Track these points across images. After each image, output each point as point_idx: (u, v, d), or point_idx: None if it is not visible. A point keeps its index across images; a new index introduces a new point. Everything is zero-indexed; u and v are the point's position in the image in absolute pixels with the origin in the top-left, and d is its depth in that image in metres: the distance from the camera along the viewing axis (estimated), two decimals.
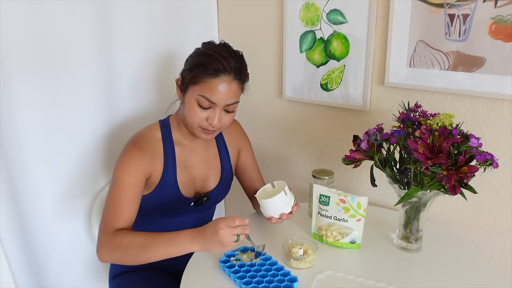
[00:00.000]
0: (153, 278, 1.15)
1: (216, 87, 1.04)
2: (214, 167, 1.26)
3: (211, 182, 1.25)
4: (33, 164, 1.20)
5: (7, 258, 1.17)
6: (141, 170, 1.09)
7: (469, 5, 1.13)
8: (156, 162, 1.13)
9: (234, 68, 1.05)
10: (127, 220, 1.05)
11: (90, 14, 1.24)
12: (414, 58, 1.25)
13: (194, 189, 1.23)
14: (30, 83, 1.14)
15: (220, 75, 1.04)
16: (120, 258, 1.00)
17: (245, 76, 1.11)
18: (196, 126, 1.10)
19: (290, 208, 1.09)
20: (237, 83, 1.07)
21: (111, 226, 1.03)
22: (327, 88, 1.46)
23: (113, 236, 1.00)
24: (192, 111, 1.08)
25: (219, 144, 1.28)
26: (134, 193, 1.08)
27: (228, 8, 1.65)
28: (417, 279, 1.01)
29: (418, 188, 0.98)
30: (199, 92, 1.05)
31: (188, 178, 1.20)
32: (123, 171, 1.07)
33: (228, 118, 1.11)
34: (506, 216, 1.25)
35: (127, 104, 1.43)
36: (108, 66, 1.33)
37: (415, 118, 1.05)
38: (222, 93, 1.05)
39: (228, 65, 1.04)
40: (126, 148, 1.11)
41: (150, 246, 0.96)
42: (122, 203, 1.05)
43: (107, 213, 1.05)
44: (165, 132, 1.17)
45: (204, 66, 1.04)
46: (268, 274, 1.00)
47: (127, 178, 1.07)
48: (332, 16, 1.38)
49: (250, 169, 1.34)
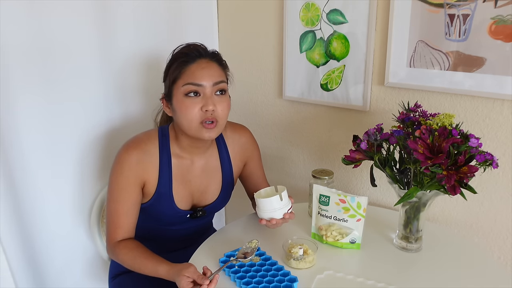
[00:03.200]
0: (153, 278, 1.15)
1: (196, 69, 1.04)
2: (214, 181, 1.22)
3: (209, 195, 1.22)
4: (33, 164, 1.20)
5: (7, 258, 1.17)
6: (136, 175, 1.08)
7: (469, 5, 1.13)
8: (151, 170, 1.11)
9: (206, 52, 1.07)
10: (126, 230, 1.11)
11: (89, 14, 1.24)
12: (414, 58, 1.25)
13: (191, 202, 1.20)
14: (30, 83, 1.15)
15: (196, 59, 1.05)
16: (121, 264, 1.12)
17: (223, 61, 1.11)
18: (195, 124, 1.05)
19: (281, 214, 1.07)
20: (217, 65, 1.08)
21: (112, 238, 1.11)
22: (327, 88, 1.46)
23: (113, 248, 1.10)
24: (183, 107, 1.04)
25: (222, 156, 1.22)
26: (130, 203, 1.09)
27: (228, 8, 1.65)
28: (417, 279, 1.01)
29: (418, 188, 0.98)
30: (183, 83, 1.04)
31: (185, 192, 1.17)
32: (118, 175, 1.08)
33: (223, 103, 1.06)
34: (506, 216, 1.25)
35: (128, 105, 1.42)
36: (109, 66, 1.33)
37: (415, 118, 1.05)
38: (205, 72, 1.04)
39: (200, 49, 1.06)
40: (120, 151, 1.10)
41: (138, 269, 1.06)
42: (119, 217, 1.09)
43: (108, 224, 1.12)
44: (163, 142, 1.13)
45: (176, 61, 1.06)
46: (268, 274, 1.00)
47: (123, 185, 1.08)
48: (332, 16, 1.38)
49: (256, 177, 1.31)
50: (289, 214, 1.09)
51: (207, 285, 0.90)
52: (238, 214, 1.66)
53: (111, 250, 1.11)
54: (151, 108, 1.50)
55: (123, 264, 1.09)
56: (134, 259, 1.06)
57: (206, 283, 0.90)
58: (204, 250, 1.13)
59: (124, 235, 1.10)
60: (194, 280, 0.92)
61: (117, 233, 1.10)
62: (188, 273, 0.92)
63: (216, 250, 1.12)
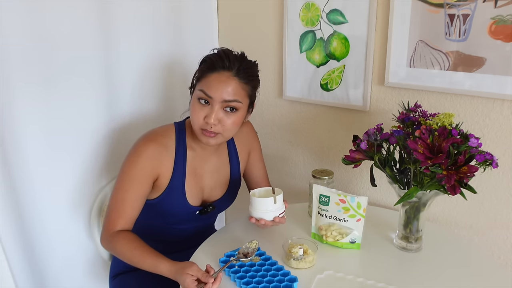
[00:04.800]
0: (153, 277, 1.15)
1: (213, 80, 1.04)
2: (223, 176, 1.24)
3: (218, 191, 1.24)
4: (33, 164, 1.20)
5: (7, 258, 1.17)
6: (150, 167, 1.08)
7: (469, 5, 1.13)
8: (166, 164, 1.12)
9: (234, 66, 1.05)
10: (128, 221, 1.09)
11: (91, 14, 1.24)
12: (414, 58, 1.25)
13: (201, 198, 1.21)
14: (30, 82, 1.14)
15: (218, 69, 1.04)
16: (116, 256, 1.09)
17: (249, 77, 1.08)
18: (197, 127, 1.07)
19: (272, 217, 1.08)
20: (238, 81, 1.05)
21: (112, 227, 1.07)
22: (327, 88, 1.46)
23: (110, 238, 1.07)
24: (193, 109, 1.07)
25: (230, 152, 1.25)
26: (138, 195, 1.09)
27: (228, 8, 1.65)
28: (417, 279, 1.01)
29: (418, 188, 0.98)
30: (199, 87, 1.06)
31: (196, 187, 1.18)
32: (133, 165, 1.07)
33: (230, 121, 1.06)
34: (506, 216, 1.25)
35: (128, 106, 1.42)
36: (109, 66, 1.33)
37: (415, 118, 1.05)
38: (219, 87, 1.03)
39: (228, 62, 1.04)
40: (138, 142, 1.10)
41: (135, 262, 1.04)
42: (125, 205, 1.08)
43: (110, 212, 1.09)
44: (179, 135, 1.15)
45: (206, 62, 1.07)
46: (268, 274, 1.00)
47: (136, 175, 1.07)
48: (332, 16, 1.38)
49: (257, 170, 1.32)
50: (280, 218, 1.09)
51: (211, 283, 0.91)
52: (238, 214, 1.66)
53: (108, 240, 1.07)
54: (151, 107, 1.50)
55: (119, 255, 1.07)
56: (133, 251, 1.03)
57: (211, 281, 0.91)
58: (204, 250, 1.14)
59: (124, 226, 1.08)
60: (198, 279, 0.92)
61: (118, 222, 1.07)
62: (192, 272, 0.93)
63: (216, 250, 1.12)
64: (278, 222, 1.10)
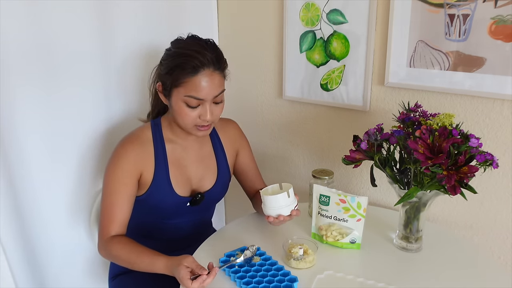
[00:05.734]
0: (153, 278, 1.15)
1: (200, 83, 1.03)
2: (210, 166, 1.25)
3: (207, 181, 1.24)
4: (33, 164, 1.20)
5: (7, 258, 1.17)
6: (132, 167, 1.10)
7: (469, 5, 1.13)
8: (147, 161, 1.13)
9: (212, 60, 1.04)
10: (120, 225, 1.11)
11: (90, 15, 1.24)
12: (414, 58, 1.25)
13: (190, 188, 1.22)
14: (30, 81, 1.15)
15: (200, 71, 1.03)
16: (115, 262, 1.11)
17: (224, 64, 1.09)
18: (190, 126, 1.09)
19: (289, 211, 1.08)
20: (219, 73, 1.06)
21: (105, 233, 1.10)
22: (327, 88, 1.46)
23: (106, 244, 1.09)
24: (182, 113, 1.07)
25: (214, 143, 1.26)
26: (125, 196, 1.10)
27: (228, 8, 1.65)
28: (417, 279, 1.01)
29: (418, 188, 0.98)
30: (184, 93, 1.05)
31: (182, 177, 1.19)
32: (114, 169, 1.09)
33: (219, 109, 1.10)
34: (506, 216, 1.25)
35: (128, 103, 1.42)
36: (108, 66, 1.33)
37: (415, 118, 1.05)
38: (207, 87, 1.04)
39: (204, 58, 1.03)
40: (116, 148, 1.13)
41: (133, 264, 1.05)
42: (114, 209, 1.09)
43: (102, 219, 1.12)
44: (155, 131, 1.16)
45: (181, 67, 1.03)
46: (268, 274, 1.00)
47: (119, 177, 1.09)
48: (332, 16, 1.38)
49: (250, 170, 1.33)
50: (296, 211, 1.10)
51: (206, 275, 0.91)
52: (238, 214, 1.66)
53: (104, 246, 1.09)
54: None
55: (117, 261, 1.08)
56: (129, 254, 1.05)
57: (204, 273, 0.91)
58: (204, 250, 1.14)
59: (117, 230, 1.10)
60: (193, 270, 0.93)
61: (110, 227, 1.09)
62: (187, 263, 0.93)
63: (216, 250, 1.12)
64: (295, 215, 1.10)
